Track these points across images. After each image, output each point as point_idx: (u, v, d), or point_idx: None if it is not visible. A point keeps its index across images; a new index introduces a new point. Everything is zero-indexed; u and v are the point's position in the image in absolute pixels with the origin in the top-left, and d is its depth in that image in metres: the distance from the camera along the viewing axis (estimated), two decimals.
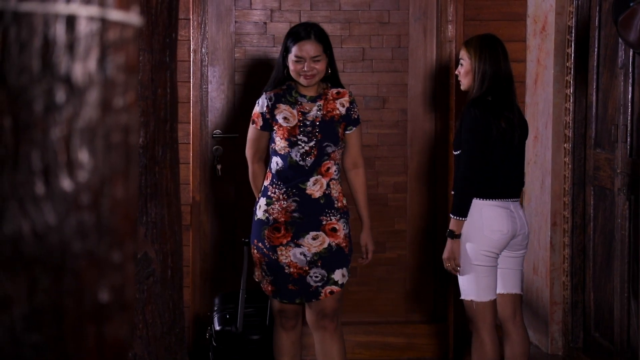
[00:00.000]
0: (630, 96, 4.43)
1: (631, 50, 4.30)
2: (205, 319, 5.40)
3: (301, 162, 4.02)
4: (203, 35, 5.29)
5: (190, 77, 5.17)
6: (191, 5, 5.12)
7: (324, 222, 4.05)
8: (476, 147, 3.95)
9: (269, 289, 4.11)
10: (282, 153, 4.03)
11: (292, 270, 4.03)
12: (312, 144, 4.03)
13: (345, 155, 4.18)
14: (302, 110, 4.06)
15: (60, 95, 1.13)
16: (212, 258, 5.44)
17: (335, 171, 4.08)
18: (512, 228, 4.04)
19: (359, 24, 5.45)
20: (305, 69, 3.99)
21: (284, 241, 4.03)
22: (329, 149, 4.05)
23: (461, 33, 5.21)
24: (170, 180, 3.12)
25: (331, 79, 4.13)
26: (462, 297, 4.09)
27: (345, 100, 4.12)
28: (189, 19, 5.13)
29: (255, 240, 4.10)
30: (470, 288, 4.04)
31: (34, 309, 1.12)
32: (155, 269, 3.04)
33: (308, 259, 4.03)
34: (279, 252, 4.03)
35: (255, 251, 4.10)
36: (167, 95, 3.05)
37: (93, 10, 1.14)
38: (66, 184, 1.13)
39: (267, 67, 5.42)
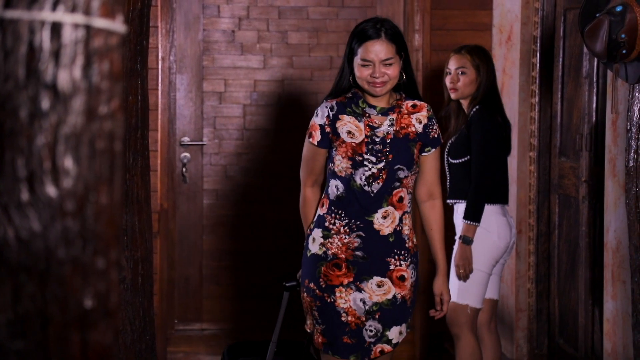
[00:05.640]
0: (594, 105, 4.48)
1: (596, 60, 4.36)
2: (172, 327, 5.38)
3: (366, 188, 3.28)
4: (171, 43, 5.29)
5: (158, 84, 5.16)
6: (159, 13, 5.11)
7: (392, 267, 3.33)
8: (492, 152, 3.99)
9: (320, 340, 3.35)
10: (343, 175, 3.30)
11: (350, 318, 3.30)
12: (380, 165, 3.28)
13: (418, 183, 3.44)
14: (370, 124, 3.31)
15: (46, 102, 1.13)
16: (179, 266, 5.42)
17: (408, 202, 3.36)
18: (510, 234, 4.09)
19: (327, 33, 5.47)
20: (375, 74, 3.24)
21: (345, 281, 3.30)
22: (401, 174, 3.31)
23: (428, 42, 5.25)
24: (140, 188, 3.12)
25: (406, 87, 3.39)
26: (457, 300, 4.02)
27: (422, 115, 3.37)
28: (157, 27, 5.12)
29: (307, 281, 3.35)
30: (468, 293, 4.02)
31: (19, 316, 1.12)
32: (125, 276, 3.04)
33: (367, 307, 3.31)
34: (337, 294, 3.30)
35: (306, 294, 3.36)
36: (139, 102, 3.05)
37: (78, 17, 1.14)
38: (51, 190, 1.13)
39: (235, 75, 5.43)
